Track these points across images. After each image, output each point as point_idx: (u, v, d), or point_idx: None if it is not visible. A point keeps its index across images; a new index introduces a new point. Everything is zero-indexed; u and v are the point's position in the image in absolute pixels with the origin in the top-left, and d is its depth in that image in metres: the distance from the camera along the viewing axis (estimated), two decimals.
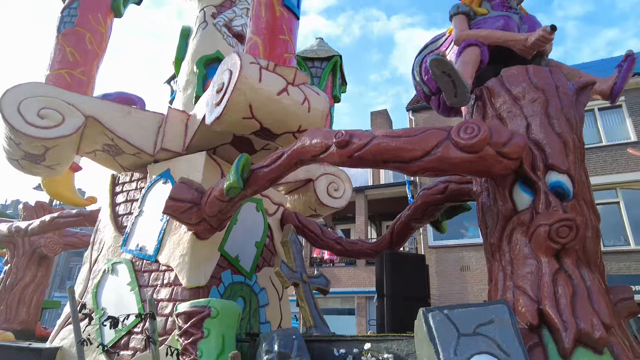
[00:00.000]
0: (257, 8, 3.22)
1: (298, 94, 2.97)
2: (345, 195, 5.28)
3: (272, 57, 3.10)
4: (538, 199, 2.22)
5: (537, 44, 2.64)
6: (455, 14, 3.06)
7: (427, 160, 2.13)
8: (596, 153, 12.98)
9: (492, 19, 3.02)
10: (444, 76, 2.47)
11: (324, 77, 5.48)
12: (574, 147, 2.35)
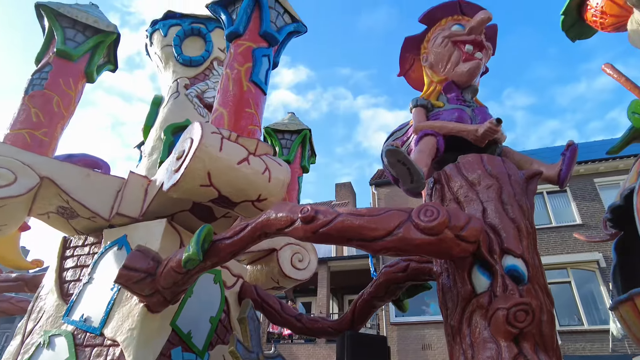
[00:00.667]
0: (226, 82, 3.35)
1: (259, 163, 3.01)
2: (310, 267, 5.18)
3: (236, 128, 3.18)
4: (495, 282, 2.28)
5: (486, 135, 2.89)
6: (415, 106, 3.34)
7: (389, 240, 2.17)
8: (547, 234, 13.64)
9: (447, 111, 3.28)
10: (399, 164, 2.64)
11: (293, 149, 5.64)
12: (527, 232, 2.48)
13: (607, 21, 3.80)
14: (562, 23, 4.15)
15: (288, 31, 3.73)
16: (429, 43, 3.65)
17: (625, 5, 3.65)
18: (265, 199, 2.93)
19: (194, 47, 4.59)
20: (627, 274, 2.91)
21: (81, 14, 4.06)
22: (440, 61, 3.48)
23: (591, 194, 14.04)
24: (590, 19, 3.95)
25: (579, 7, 4.01)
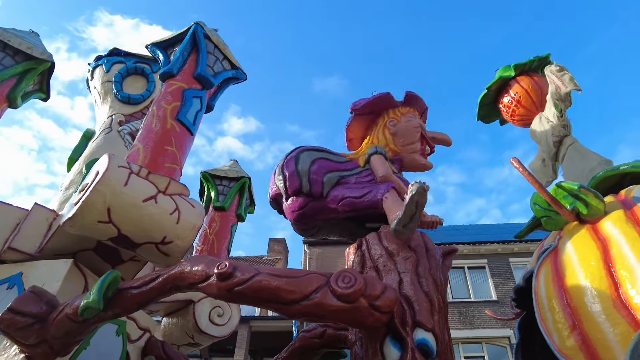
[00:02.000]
0: (150, 118, 3.24)
1: (168, 203, 2.82)
2: (230, 323, 4.86)
3: (152, 164, 3.01)
4: (405, 354, 2.29)
5: (428, 225, 3.07)
6: (381, 154, 3.40)
7: (305, 304, 2.14)
8: (465, 308, 14.17)
9: (402, 180, 3.43)
10: (413, 205, 2.55)
11: (230, 196, 5.51)
12: (439, 306, 2.56)
13: (518, 111, 4.27)
14: (481, 99, 4.58)
15: (225, 77, 3.74)
16: (404, 116, 3.82)
17: (537, 104, 4.17)
18: (170, 242, 2.73)
19: (136, 86, 4.52)
20: (528, 352, 3.06)
21: (15, 39, 3.88)
22: (405, 137, 3.70)
23: (506, 272, 15.00)
24: (504, 104, 4.41)
25: (500, 90, 4.49)
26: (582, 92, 3.58)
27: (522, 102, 4.24)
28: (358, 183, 3.18)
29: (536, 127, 4.04)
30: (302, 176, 3.23)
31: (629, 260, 2.03)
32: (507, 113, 4.42)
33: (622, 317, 1.95)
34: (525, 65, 4.31)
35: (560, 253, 2.42)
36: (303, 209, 3.29)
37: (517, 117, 4.32)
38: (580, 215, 2.40)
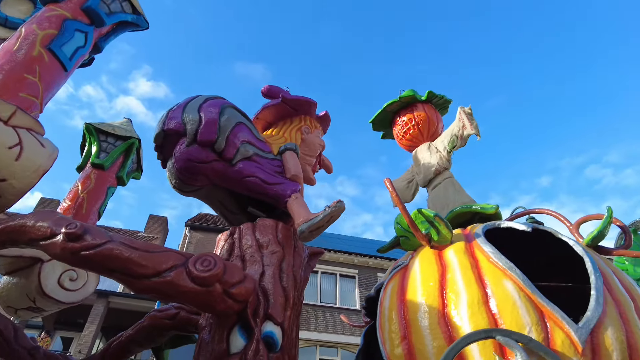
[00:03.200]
0: (13, 41, 2.75)
1: (9, 135, 2.39)
2: (83, 290, 4.27)
3: (2, 89, 2.60)
4: (250, 345, 2.33)
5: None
6: (294, 150, 3.38)
7: (156, 281, 2.06)
8: (330, 312, 14.89)
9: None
10: (329, 217, 2.74)
11: (113, 155, 5.02)
12: (294, 303, 2.65)
13: (413, 132, 4.57)
14: (388, 105, 4.76)
15: (122, 19, 3.38)
16: (317, 130, 3.95)
17: (430, 133, 4.56)
18: (3, 180, 2.34)
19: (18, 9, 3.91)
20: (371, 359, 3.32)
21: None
22: (309, 148, 3.84)
23: (373, 284, 16.14)
24: (403, 120, 4.63)
25: (405, 105, 4.72)
26: (479, 139, 4.02)
27: (421, 125, 4.58)
28: (270, 169, 3.15)
29: (423, 153, 4.40)
30: (222, 132, 3.01)
31: (457, 285, 2.32)
32: (401, 128, 4.65)
33: (442, 332, 2.22)
34: (435, 97, 4.72)
35: (409, 271, 2.68)
36: (203, 163, 3.04)
37: (408, 137, 4.62)
38: (431, 241, 2.69)
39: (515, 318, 2.12)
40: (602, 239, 2.86)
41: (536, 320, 2.12)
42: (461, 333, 2.17)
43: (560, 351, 2.04)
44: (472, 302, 2.22)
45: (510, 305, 2.16)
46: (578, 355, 2.03)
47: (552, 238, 2.83)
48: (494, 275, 2.30)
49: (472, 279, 2.32)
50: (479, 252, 2.48)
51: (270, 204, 3.28)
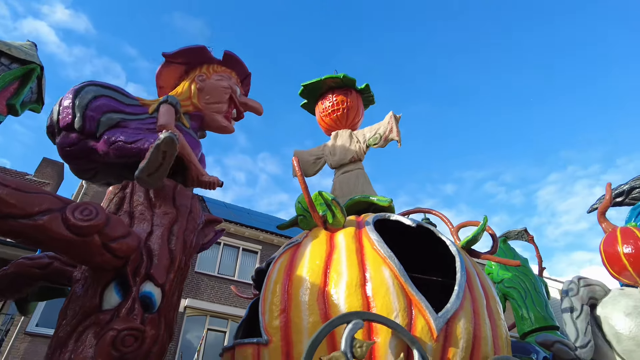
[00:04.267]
0: None
1: None
2: None
3: None
4: (125, 303, 2.24)
5: (207, 186, 3.02)
6: (172, 104, 3.14)
7: (25, 223, 1.88)
8: (227, 284, 14.82)
9: (190, 136, 3.29)
10: (159, 154, 2.42)
11: (5, 78, 4.37)
12: (179, 267, 2.59)
13: (340, 114, 4.63)
14: (326, 78, 4.78)
15: None
16: (216, 74, 3.67)
17: (353, 122, 4.70)
18: None
19: None
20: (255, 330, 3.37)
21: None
22: (211, 95, 3.54)
23: None
24: (335, 100, 4.70)
25: (340, 86, 4.78)
26: (399, 147, 4.41)
27: (348, 111, 4.71)
28: (137, 129, 2.95)
29: (343, 138, 4.52)
30: (77, 111, 2.90)
31: (341, 266, 2.45)
32: (330, 106, 4.71)
33: (319, 309, 2.34)
34: (369, 92, 4.90)
35: (300, 248, 2.77)
36: (73, 146, 2.94)
37: (334, 117, 4.69)
38: (326, 223, 2.79)
39: (386, 303, 2.31)
40: (475, 243, 3.21)
41: (404, 307, 2.33)
42: (336, 311, 2.31)
43: (419, 336, 2.27)
44: (351, 283, 2.36)
45: (384, 291, 2.35)
46: (432, 340, 2.27)
47: (434, 237, 3.11)
48: (375, 262, 2.47)
49: (355, 262, 2.47)
50: (366, 238, 2.64)
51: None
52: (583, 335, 2.94)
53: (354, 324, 2.02)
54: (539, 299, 4.21)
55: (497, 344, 2.60)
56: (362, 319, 2.14)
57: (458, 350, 2.32)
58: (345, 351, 1.92)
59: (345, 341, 1.96)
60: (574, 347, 2.87)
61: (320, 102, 4.91)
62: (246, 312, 3.38)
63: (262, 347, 2.42)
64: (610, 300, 3.09)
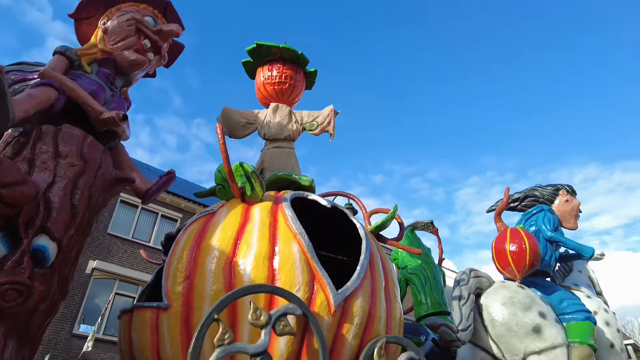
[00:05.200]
0: None
1: None
2: None
3: None
4: (13, 255, 2.09)
5: (107, 122, 2.82)
6: (61, 53, 2.93)
7: None
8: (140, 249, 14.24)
9: (88, 80, 3.05)
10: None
11: None
12: (81, 224, 2.45)
13: (284, 88, 4.50)
14: (272, 47, 4.65)
15: None
16: (118, 12, 3.42)
17: (292, 99, 4.67)
18: None
19: None
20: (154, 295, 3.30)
21: None
22: (116, 34, 3.29)
23: None
24: (283, 72, 4.59)
25: (290, 58, 4.66)
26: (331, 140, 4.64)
27: (293, 88, 4.63)
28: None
29: (284, 113, 4.46)
30: None
31: (252, 238, 2.48)
32: (278, 76, 4.59)
33: (224, 278, 2.36)
34: (314, 76, 4.92)
35: (214, 217, 2.75)
36: None
37: (278, 89, 4.57)
38: (244, 195, 2.80)
39: (290, 276, 2.39)
40: (384, 229, 3.40)
41: (307, 281, 2.42)
42: (241, 281, 2.34)
43: (317, 310, 2.38)
44: (259, 255, 2.40)
45: (290, 265, 2.42)
46: (329, 315, 2.40)
47: (347, 219, 3.24)
48: (285, 237, 2.53)
49: (267, 235, 2.51)
50: (281, 214, 2.69)
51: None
52: (466, 320, 3.27)
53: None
54: (437, 287, 4.58)
55: (390, 323, 2.81)
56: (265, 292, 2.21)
57: (352, 326, 2.48)
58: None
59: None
60: (457, 330, 3.19)
61: (267, 67, 4.75)
62: (152, 277, 3.31)
63: (162, 311, 2.39)
64: (492, 290, 3.47)
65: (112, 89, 3.16)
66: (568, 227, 4.32)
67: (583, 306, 3.43)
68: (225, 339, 2.00)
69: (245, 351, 2.03)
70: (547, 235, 4.08)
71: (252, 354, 2.02)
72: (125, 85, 3.40)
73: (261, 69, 4.80)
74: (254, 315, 2.09)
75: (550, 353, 3.13)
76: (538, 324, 3.21)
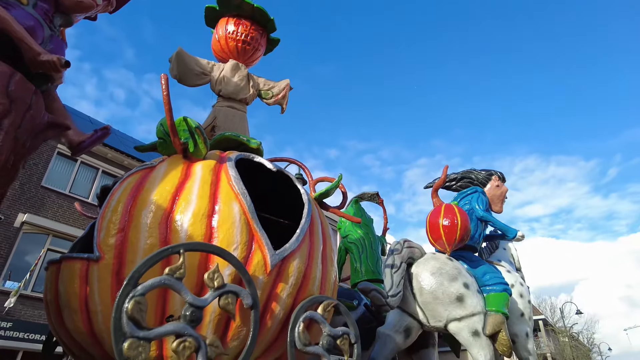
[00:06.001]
0: None
1: None
2: None
3: None
4: None
5: (45, 65, 2.61)
6: None
7: None
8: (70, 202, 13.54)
9: (27, 13, 2.79)
10: None
11: None
12: (4, 167, 2.29)
13: (246, 46, 4.35)
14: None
15: None
16: None
17: (249, 58, 4.51)
18: None
19: None
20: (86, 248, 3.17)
21: None
22: None
23: None
24: (245, 27, 4.41)
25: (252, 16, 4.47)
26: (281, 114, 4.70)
27: (255, 49, 4.46)
28: None
29: (243, 74, 4.28)
30: None
31: (191, 195, 2.44)
32: (244, 33, 4.41)
33: (159, 233, 2.32)
34: (275, 45, 4.82)
35: (153, 172, 2.67)
36: None
37: (240, 45, 4.39)
38: (187, 151, 2.73)
39: (228, 235, 2.39)
40: (327, 196, 3.46)
41: (245, 241, 2.44)
42: (177, 237, 2.31)
43: (254, 269, 2.41)
44: (198, 213, 2.38)
45: (229, 224, 2.42)
46: (265, 274, 2.44)
47: (292, 184, 3.27)
48: (227, 196, 2.52)
49: (207, 193, 2.48)
50: (224, 173, 2.66)
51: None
52: (396, 287, 3.46)
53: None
54: (373, 256, 4.77)
55: (324, 286, 2.91)
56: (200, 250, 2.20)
57: (287, 285, 2.54)
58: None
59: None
60: (387, 295, 3.37)
61: (233, 21, 4.47)
62: (85, 231, 3.18)
63: (92, 263, 2.32)
64: (423, 261, 3.67)
65: (52, 27, 2.91)
66: (495, 210, 4.65)
67: (502, 279, 3.73)
68: (177, 272, 1.99)
69: (185, 296, 2.01)
70: (480, 215, 4.37)
71: (190, 302, 2.01)
72: (65, 26, 3.14)
73: (226, 21, 4.51)
74: (212, 275, 2.10)
75: (469, 320, 3.40)
76: (462, 293, 3.46)
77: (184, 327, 1.97)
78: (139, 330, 1.85)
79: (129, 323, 1.84)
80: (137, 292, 1.89)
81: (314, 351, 2.47)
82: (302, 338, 2.41)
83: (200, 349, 1.98)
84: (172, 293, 2.18)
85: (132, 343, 1.81)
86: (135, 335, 1.83)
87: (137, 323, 1.86)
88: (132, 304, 1.85)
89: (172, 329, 1.95)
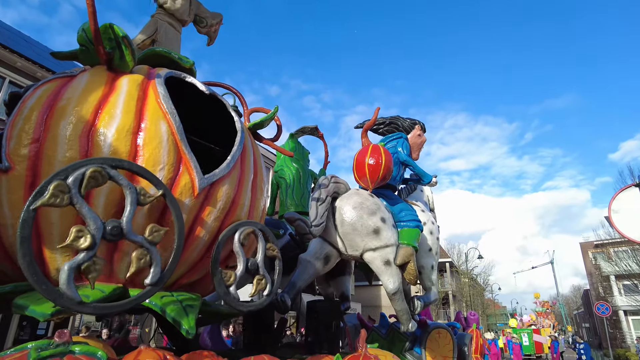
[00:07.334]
0: None
1: None
2: None
3: None
4: None
5: None
6: None
7: None
8: None
9: None
10: None
11: None
12: None
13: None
14: None
15: None
16: None
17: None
18: None
19: None
20: None
21: None
22: None
23: None
24: None
25: None
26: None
27: None
28: None
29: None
30: None
31: (116, 110, 2.32)
32: None
33: (80, 146, 2.20)
34: None
35: (74, 82, 2.46)
36: None
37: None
38: (112, 62, 2.54)
39: (154, 155, 2.33)
40: (262, 127, 3.46)
41: (172, 162, 2.40)
42: (99, 151, 2.21)
43: (180, 191, 2.40)
44: (122, 129, 2.28)
45: (156, 144, 2.35)
46: (192, 197, 2.45)
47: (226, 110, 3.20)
48: (154, 114, 2.42)
49: (133, 110, 2.37)
50: (152, 90, 2.53)
51: None
52: (320, 218, 3.65)
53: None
54: (300, 190, 4.94)
55: (253, 213, 3.00)
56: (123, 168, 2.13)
57: (215, 209, 2.58)
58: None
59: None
60: (310, 225, 3.55)
61: None
62: None
63: (1, 173, 2.17)
64: (346, 196, 3.89)
65: None
66: (413, 156, 5.00)
67: (416, 217, 4.08)
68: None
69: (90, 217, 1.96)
70: (403, 158, 4.66)
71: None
72: None
73: None
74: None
75: (382, 250, 3.72)
76: (378, 227, 3.75)
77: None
78: None
79: None
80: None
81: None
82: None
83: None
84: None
85: None
86: None
87: None
88: None
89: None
